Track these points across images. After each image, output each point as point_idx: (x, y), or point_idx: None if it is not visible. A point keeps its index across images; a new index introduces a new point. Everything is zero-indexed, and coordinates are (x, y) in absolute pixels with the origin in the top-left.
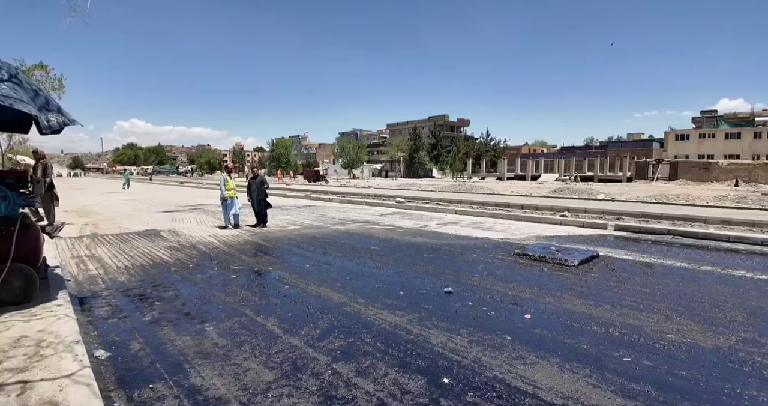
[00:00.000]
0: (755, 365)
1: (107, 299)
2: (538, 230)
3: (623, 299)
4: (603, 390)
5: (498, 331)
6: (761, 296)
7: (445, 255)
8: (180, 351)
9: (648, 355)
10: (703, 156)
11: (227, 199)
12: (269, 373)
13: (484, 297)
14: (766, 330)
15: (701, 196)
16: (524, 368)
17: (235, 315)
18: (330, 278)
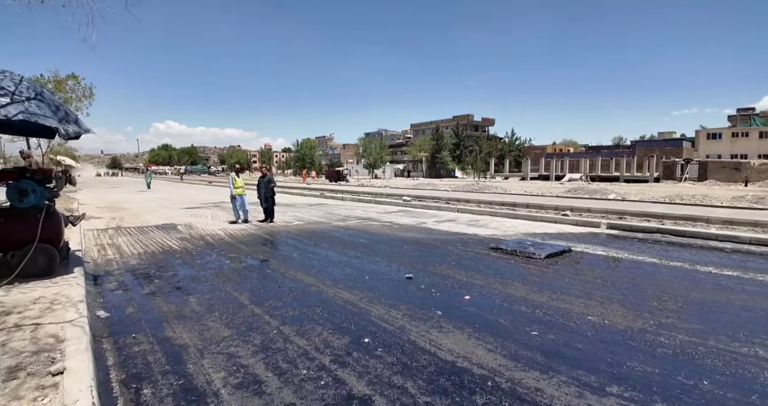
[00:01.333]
0: (652, 344)
1: (116, 277)
2: (530, 228)
3: (568, 288)
4: (495, 354)
5: (433, 307)
6: (711, 289)
7: (425, 248)
8: (163, 314)
9: (556, 331)
10: (736, 156)
11: (236, 197)
12: (227, 331)
13: (439, 282)
14: (689, 318)
15: (718, 197)
16: (438, 334)
17: (216, 291)
18: (309, 265)
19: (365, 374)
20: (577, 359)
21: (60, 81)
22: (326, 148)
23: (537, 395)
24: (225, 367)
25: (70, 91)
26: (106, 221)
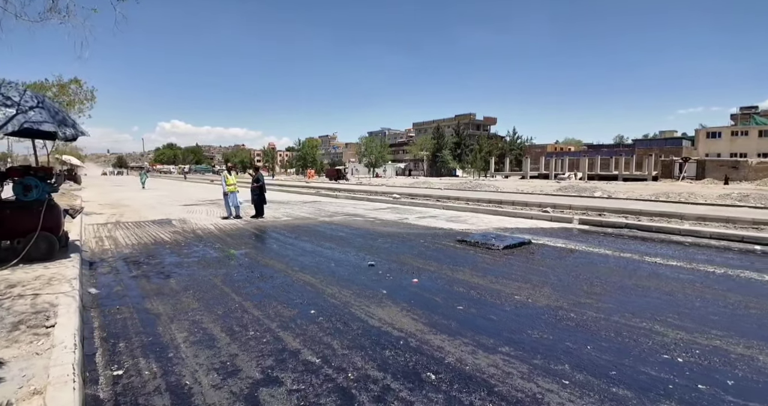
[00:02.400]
0: (560, 319)
1: (110, 263)
2: (505, 223)
3: (510, 273)
4: (417, 322)
5: (381, 288)
6: (645, 277)
7: (398, 241)
8: (145, 292)
9: (480, 307)
10: (736, 155)
11: (228, 194)
12: (196, 304)
13: (396, 268)
14: (608, 299)
15: (704, 195)
16: (376, 308)
17: (194, 275)
18: (284, 254)
19: (301, 335)
20: (485, 327)
21: (63, 85)
22: (329, 148)
23: (436, 351)
24: (188, 329)
25: (73, 94)
26: (106, 216)
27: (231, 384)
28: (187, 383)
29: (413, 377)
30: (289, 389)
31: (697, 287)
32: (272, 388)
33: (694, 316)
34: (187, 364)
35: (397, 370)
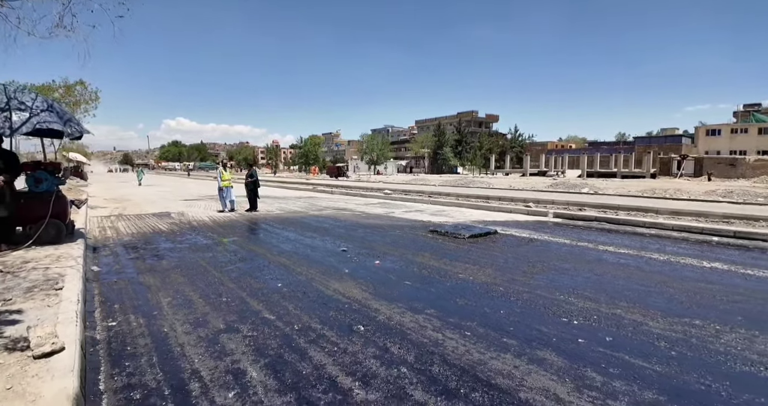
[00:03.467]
0: (488, 291)
1: (111, 248)
2: (485, 217)
3: (465, 257)
4: (365, 293)
5: (345, 268)
6: (587, 261)
7: (376, 231)
8: (139, 270)
9: (425, 282)
10: (736, 152)
11: (223, 189)
12: (182, 279)
13: (365, 253)
14: (541, 278)
15: (690, 191)
16: (335, 283)
17: (184, 257)
18: (267, 242)
19: (265, 301)
20: (422, 297)
21: (69, 86)
22: (332, 145)
23: (372, 312)
24: (172, 296)
25: (79, 95)
26: (110, 209)
27: (199, 331)
28: (165, 331)
29: (345, 328)
30: (245, 335)
31: (630, 269)
32: (231, 334)
33: (610, 292)
34: (167, 319)
35: (334, 324)
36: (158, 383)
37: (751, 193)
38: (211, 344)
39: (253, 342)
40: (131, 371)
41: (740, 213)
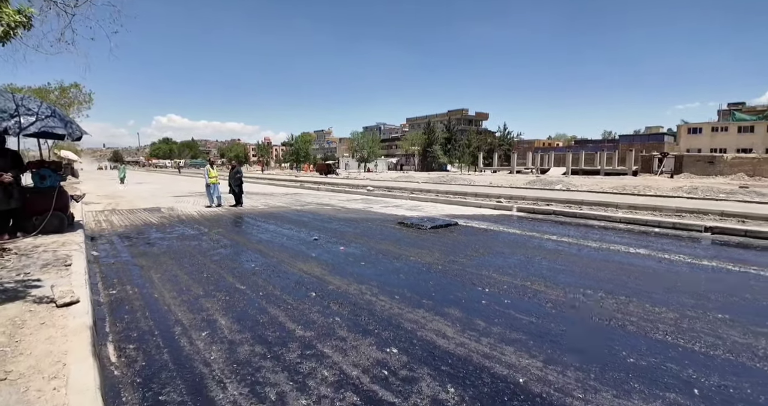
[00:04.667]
0: (429, 269)
1: (107, 237)
2: (455, 211)
3: (420, 244)
4: (324, 271)
5: (312, 253)
6: (526, 247)
7: (350, 223)
8: (133, 254)
9: (377, 263)
10: (716, 150)
11: (210, 186)
12: (171, 261)
13: (334, 241)
14: (478, 259)
15: (658, 188)
16: (300, 264)
17: (173, 244)
18: (248, 232)
19: (239, 276)
20: (370, 274)
21: (64, 89)
22: (323, 142)
23: (325, 284)
24: (161, 273)
25: (73, 97)
26: (103, 205)
27: (183, 296)
28: (156, 296)
29: (301, 294)
30: (218, 299)
31: (560, 254)
32: (208, 298)
33: (530, 270)
34: (157, 288)
35: (292, 291)
36: (150, 327)
37: (715, 190)
38: (191, 304)
39: (225, 303)
40: (129, 320)
41: (692, 207)
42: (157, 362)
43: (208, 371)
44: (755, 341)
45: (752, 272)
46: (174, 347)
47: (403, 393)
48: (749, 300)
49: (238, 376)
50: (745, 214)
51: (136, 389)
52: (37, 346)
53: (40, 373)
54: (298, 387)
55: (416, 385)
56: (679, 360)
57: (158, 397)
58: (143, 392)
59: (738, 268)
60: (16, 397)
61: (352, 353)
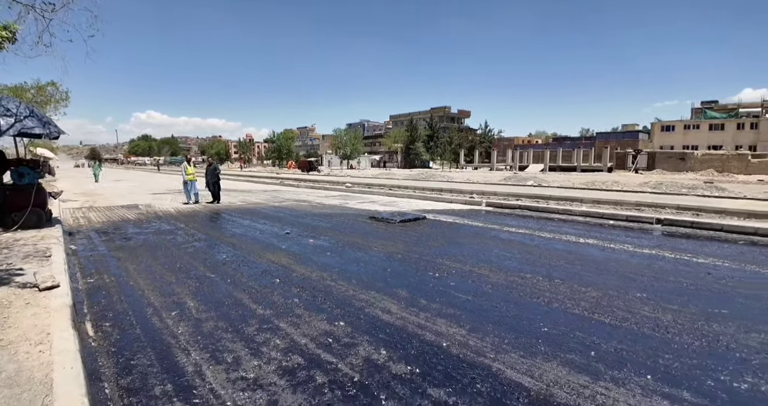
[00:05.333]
0: (389, 257)
1: (85, 232)
2: (427, 206)
3: (386, 236)
4: (290, 260)
5: (282, 245)
6: (483, 237)
7: (323, 218)
8: (110, 248)
9: (342, 253)
10: (688, 147)
11: (188, 183)
12: (146, 253)
13: (306, 234)
14: (437, 249)
15: (625, 183)
16: (269, 255)
17: (148, 239)
18: (222, 227)
19: (210, 266)
20: (332, 262)
21: (41, 87)
22: (306, 139)
23: (291, 272)
24: (137, 264)
25: (50, 95)
26: (81, 202)
27: (156, 284)
28: (131, 284)
29: (266, 281)
30: (189, 285)
31: (512, 243)
32: (179, 285)
33: (480, 258)
34: (132, 277)
35: (259, 278)
36: (124, 309)
37: (679, 185)
38: (163, 289)
39: (194, 289)
40: (105, 303)
41: (651, 201)
42: (130, 336)
43: (175, 341)
44: (662, 315)
45: (684, 259)
46: (145, 324)
47: (341, 355)
48: (671, 282)
49: (201, 345)
50: (699, 207)
51: (111, 356)
52: (24, 321)
53: (27, 340)
54: (253, 352)
55: (354, 349)
56: (588, 330)
57: (130, 361)
58: (117, 358)
59: (674, 255)
60: (7, 357)
61: (304, 326)
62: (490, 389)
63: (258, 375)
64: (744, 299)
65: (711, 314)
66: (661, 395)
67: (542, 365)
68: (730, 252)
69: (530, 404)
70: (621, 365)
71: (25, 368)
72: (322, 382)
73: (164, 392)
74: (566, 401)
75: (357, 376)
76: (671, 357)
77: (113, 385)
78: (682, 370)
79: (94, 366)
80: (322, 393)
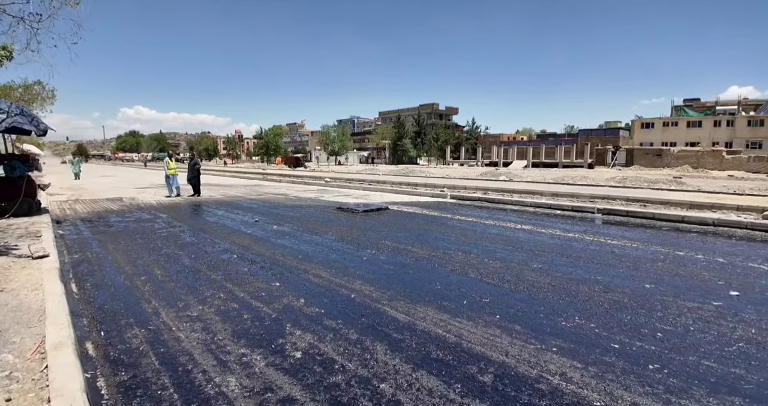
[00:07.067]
0: (342, 239)
1: (71, 221)
2: (396, 199)
3: (345, 224)
4: (251, 242)
5: (247, 231)
6: (434, 224)
7: (294, 209)
8: (94, 233)
9: (300, 237)
10: (667, 144)
11: (169, 177)
12: (126, 238)
13: (272, 222)
14: (387, 233)
15: (595, 178)
16: (235, 238)
17: (129, 226)
18: (198, 216)
19: (179, 247)
20: (288, 243)
21: (28, 86)
22: (295, 135)
23: (247, 250)
24: (116, 244)
25: (36, 93)
26: (67, 196)
27: (131, 259)
28: (110, 259)
29: (226, 257)
30: (159, 260)
31: (454, 229)
32: (150, 260)
33: (422, 240)
34: (111, 254)
35: (218, 254)
36: (102, 275)
37: (642, 180)
38: (135, 263)
39: (162, 262)
40: (86, 271)
41: (604, 194)
42: (106, 292)
43: (140, 295)
44: (545, 278)
45: (599, 241)
46: (119, 284)
47: (268, 302)
48: (571, 257)
49: (160, 297)
50: (647, 199)
51: (90, 305)
52: (22, 277)
53: (25, 288)
54: (199, 301)
55: (280, 299)
56: (471, 287)
57: (104, 307)
58: (94, 305)
59: (592, 238)
60: (12, 297)
61: (246, 286)
62: (370, 322)
63: (200, 314)
64: (624, 269)
65: (586, 280)
66: (499, 327)
67: (419, 307)
68: (646, 236)
69: (396, 330)
70: (480, 309)
71: (24, 303)
72: (247, 317)
73: (128, 324)
74: (424, 328)
75: (275, 314)
76: (524, 306)
77: (90, 319)
78: (527, 313)
79: (76, 308)
80: (244, 322)
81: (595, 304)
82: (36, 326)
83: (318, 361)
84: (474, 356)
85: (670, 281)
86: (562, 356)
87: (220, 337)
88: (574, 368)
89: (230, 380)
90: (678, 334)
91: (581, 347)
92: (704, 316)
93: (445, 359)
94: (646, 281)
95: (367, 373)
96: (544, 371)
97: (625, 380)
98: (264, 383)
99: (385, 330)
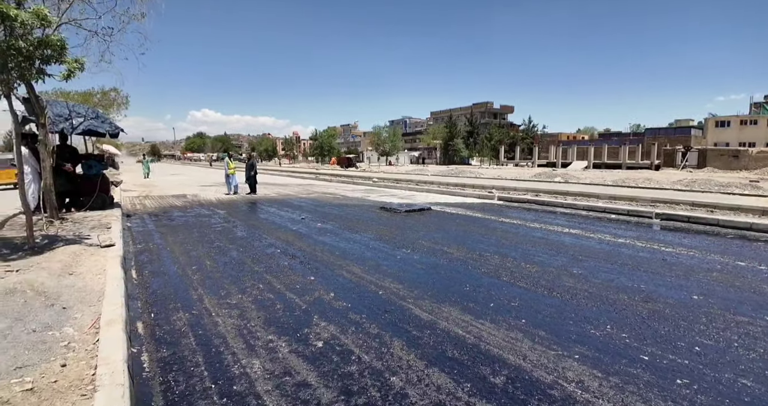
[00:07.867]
0: (379, 238)
1: (139, 215)
2: (441, 199)
3: (386, 223)
4: (295, 238)
5: (292, 227)
6: (475, 225)
7: (340, 208)
8: (157, 226)
9: (340, 234)
10: (744, 144)
11: (229, 175)
12: (184, 230)
13: (317, 219)
14: (425, 234)
15: (659, 180)
16: (280, 233)
17: (188, 220)
18: (251, 213)
19: (230, 239)
20: (328, 240)
21: (105, 92)
22: (349, 136)
23: (292, 247)
24: (174, 236)
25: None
26: (138, 192)
27: (186, 250)
28: (168, 249)
29: (270, 251)
30: (209, 252)
31: (496, 231)
32: (203, 251)
33: (459, 241)
34: (170, 244)
35: (263, 248)
36: (160, 263)
37: (713, 183)
38: (189, 253)
39: (213, 254)
40: (146, 260)
41: (668, 198)
42: (161, 279)
43: (189, 283)
44: (583, 285)
45: (651, 248)
46: (172, 273)
47: (301, 294)
48: (616, 264)
49: (206, 285)
50: (715, 204)
51: (145, 289)
52: (89, 263)
53: (91, 272)
54: (240, 291)
55: (312, 293)
56: (500, 290)
57: (157, 292)
58: (149, 290)
59: (643, 244)
60: (79, 279)
61: (284, 278)
62: (392, 318)
63: (238, 302)
64: (673, 278)
65: (627, 288)
66: (522, 331)
67: (443, 307)
68: (706, 244)
69: (417, 327)
70: (506, 312)
71: (89, 285)
72: (279, 307)
73: (175, 307)
74: (444, 327)
75: (305, 306)
76: (553, 311)
77: (144, 302)
78: (556, 319)
79: (133, 292)
80: (276, 312)
81: (632, 313)
82: (95, 305)
83: (337, 351)
84: (490, 357)
85: (722, 293)
86: (583, 364)
87: (253, 324)
88: (594, 376)
89: (255, 362)
90: (718, 349)
91: (606, 356)
92: (752, 332)
93: (460, 358)
94: (695, 291)
95: (380, 365)
96: (560, 378)
97: (647, 394)
98: (284, 368)
99: (406, 327)
